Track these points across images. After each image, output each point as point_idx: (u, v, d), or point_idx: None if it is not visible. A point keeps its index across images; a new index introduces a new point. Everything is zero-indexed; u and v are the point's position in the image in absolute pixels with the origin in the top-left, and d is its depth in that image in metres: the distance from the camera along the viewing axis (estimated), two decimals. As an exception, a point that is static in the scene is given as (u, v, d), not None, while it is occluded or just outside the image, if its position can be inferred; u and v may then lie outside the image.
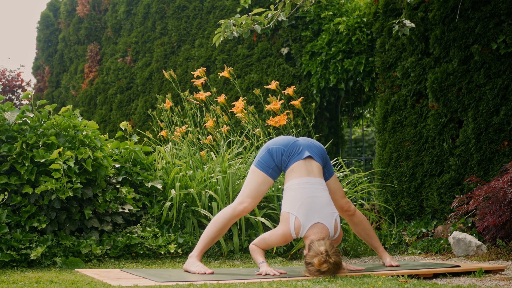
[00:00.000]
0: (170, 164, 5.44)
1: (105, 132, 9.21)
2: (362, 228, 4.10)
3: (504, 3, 5.34)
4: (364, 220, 4.10)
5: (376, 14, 6.44)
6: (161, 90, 8.50)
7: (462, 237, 4.89)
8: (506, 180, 4.69)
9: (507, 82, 5.34)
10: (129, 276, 3.66)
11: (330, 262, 3.40)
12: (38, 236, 4.35)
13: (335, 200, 3.99)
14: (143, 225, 4.88)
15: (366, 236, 4.12)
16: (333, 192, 3.95)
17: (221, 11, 7.93)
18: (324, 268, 3.41)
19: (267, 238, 3.70)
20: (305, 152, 3.82)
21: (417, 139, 5.89)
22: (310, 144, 3.89)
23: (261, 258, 3.69)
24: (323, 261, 3.40)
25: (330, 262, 3.40)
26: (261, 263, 3.66)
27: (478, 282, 3.50)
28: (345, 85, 6.83)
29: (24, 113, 4.70)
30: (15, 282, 3.45)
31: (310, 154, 3.82)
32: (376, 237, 4.14)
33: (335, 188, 3.98)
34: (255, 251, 3.72)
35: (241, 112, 5.57)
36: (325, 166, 3.94)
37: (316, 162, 3.83)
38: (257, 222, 4.95)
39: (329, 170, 3.98)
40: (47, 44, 10.93)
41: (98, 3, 9.84)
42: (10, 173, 4.54)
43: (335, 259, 3.42)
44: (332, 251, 3.43)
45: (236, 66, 7.64)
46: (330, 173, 3.99)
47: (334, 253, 3.43)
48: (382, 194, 6.12)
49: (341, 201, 4.00)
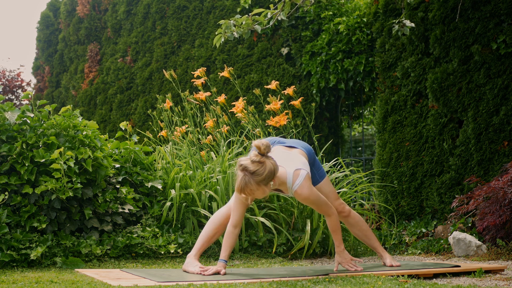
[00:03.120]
0: (170, 164, 5.44)
1: (105, 132, 9.21)
2: (359, 229, 4.09)
3: (504, 3, 5.34)
4: (361, 221, 4.09)
5: (376, 14, 6.44)
6: (161, 90, 8.50)
7: (462, 237, 4.89)
8: (506, 180, 4.69)
9: (507, 82, 5.34)
10: (129, 276, 3.66)
11: (242, 165, 3.44)
12: (38, 236, 4.34)
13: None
14: (143, 225, 4.88)
15: (364, 237, 4.11)
16: (325, 195, 3.92)
17: (221, 11, 7.93)
18: (238, 168, 3.46)
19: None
20: (288, 142, 3.92)
21: (417, 139, 5.89)
22: (296, 140, 3.98)
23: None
24: (240, 164, 3.45)
25: (242, 165, 3.44)
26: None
27: (478, 282, 3.50)
28: (345, 85, 6.83)
29: (24, 113, 4.70)
30: (15, 282, 3.45)
31: (293, 145, 3.89)
32: (374, 237, 4.13)
33: (327, 190, 3.97)
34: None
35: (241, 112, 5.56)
36: (313, 165, 3.93)
37: (299, 149, 3.87)
38: (257, 222, 4.95)
39: (319, 171, 3.97)
40: (47, 44, 10.93)
41: (98, 3, 9.84)
42: (10, 173, 4.54)
43: (246, 167, 3.43)
44: (253, 165, 3.42)
45: (236, 66, 7.64)
46: (321, 174, 3.98)
47: (254, 167, 3.42)
48: (382, 194, 6.12)
49: (335, 203, 3.98)
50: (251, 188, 3.45)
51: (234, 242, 3.77)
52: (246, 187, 3.45)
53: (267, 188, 3.50)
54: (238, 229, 3.78)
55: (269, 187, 3.51)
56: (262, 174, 3.44)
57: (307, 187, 3.63)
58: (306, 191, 3.63)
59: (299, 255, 4.99)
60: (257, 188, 3.47)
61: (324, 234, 5.11)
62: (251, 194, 3.50)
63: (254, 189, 3.46)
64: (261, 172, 3.44)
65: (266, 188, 3.50)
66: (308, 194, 3.64)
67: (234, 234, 3.76)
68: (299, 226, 5.08)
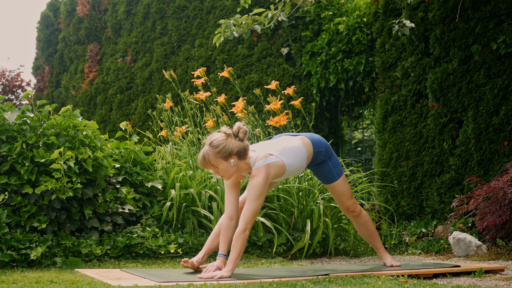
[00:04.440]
0: (170, 164, 5.44)
1: (105, 132, 9.21)
2: (365, 229, 4.10)
3: (504, 3, 5.34)
4: (369, 221, 4.08)
5: (376, 14, 6.44)
6: (161, 90, 8.50)
7: (462, 237, 4.89)
8: (506, 180, 4.69)
9: (507, 82, 5.34)
10: (129, 276, 3.66)
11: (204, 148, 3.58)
12: (38, 236, 4.34)
13: (342, 202, 3.98)
14: (143, 225, 4.88)
15: (368, 236, 4.12)
16: (340, 193, 3.93)
17: (221, 11, 7.93)
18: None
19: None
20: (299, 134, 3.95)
21: (417, 139, 5.89)
22: (309, 133, 3.98)
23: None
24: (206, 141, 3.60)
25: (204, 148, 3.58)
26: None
27: (478, 282, 3.50)
28: (345, 85, 6.83)
29: (24, 113, 4.70)
30: (15, 282, 3.45)
31: (300, 134, 3.92)
32: (378, 238, 4.14)
33: (342, 189, 3.95)
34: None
35: (241, 112, 5.56)
36: (329, 159, 3.90)
37: (302, 136, 3.88)
38: (257, 222, 4.95)
39: (337, 168, 3.93)
40: (47, 44, 10.93)
41: (98, 3, 9.84)
42: (10, 173, 4.54)
43: (208, 138, 3.59)
44: (214, 136, 3.58)
45: (236, 66, 7.64)
46: (338, 171, 3.94)
47: (213, 137, 3.58)
48: (382, 194, 6.12)
49: (348, 202, 3.97)
50: (209, 159, 3.56)
51: (232, 235, 3.71)
52: (203, 158, 3.58)
53: (227, 164, 3.57)
54: (235, 221, 3.73)
55: (229, 163, 3.57)
56: (218, 146, 3.56)
57: (265, 174, 3.57)
58: (261, 176, 3.57)
59: (299, 255, 4.99)
60: (215, 160, 3.56)
61: (324, 234, 5.11)
62: (211, 167, 3.59)
63: (212, 160, 3.56)
64: (217, 144, 3.56)
65: (225, 163, 3.57)
66: (259, 180, 3.56)
67: (230, 227, 3.72)
68: (299, 226, 5.08)
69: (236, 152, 3.58)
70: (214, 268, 3.67)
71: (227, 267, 3.56)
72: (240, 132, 3.62)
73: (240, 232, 3.56)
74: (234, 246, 3.57)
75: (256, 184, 3.57)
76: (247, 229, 3.56)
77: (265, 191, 3.60)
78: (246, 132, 3.63)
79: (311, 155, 3.82)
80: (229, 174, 3.63)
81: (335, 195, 3.99)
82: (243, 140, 3.64)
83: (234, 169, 3.61)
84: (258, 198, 3.57)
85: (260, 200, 3.58)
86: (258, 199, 3.57)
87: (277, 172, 3.65)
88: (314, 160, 3.87)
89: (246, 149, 3.62)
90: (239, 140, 3.63)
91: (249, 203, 3.57)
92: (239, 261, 3.65)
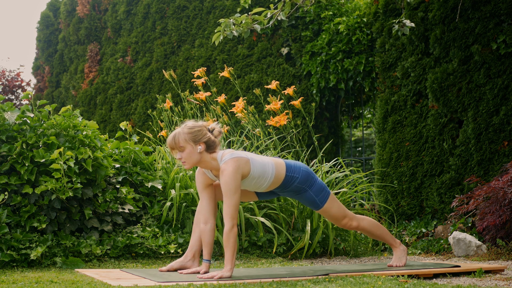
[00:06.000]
0: (170, 164, 5.44)
1: (105, 132, 9.21)
2: (371, 235, 4.09)
3: (504, 3, 5.34)
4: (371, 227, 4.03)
5: (376, 14, 6.44)
6: (161, 90, 8.50)
7: (462, 237, 4.89)
8: (506, 180, 4.69)
9: (507, 82, 5.34)
10: (129, 276, 3.66)
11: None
12: (38, 236, 4.34)
13: (335, 222, 3.97)
14: (143, 225, 4.88)
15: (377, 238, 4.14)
16: (330, 217, 3.91)
17: (221, 11, 7.93)
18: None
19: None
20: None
21: (417, 139, 5.89)
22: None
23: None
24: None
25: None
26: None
27: (478, 282, 3.50)
28: (345, 85, 6.83)
29: (24, 113, 4.70)
30: (15, 282, 3.45)
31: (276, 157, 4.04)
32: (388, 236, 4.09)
33: (331, 213, 3.89)
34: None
35: (241, 112, 5.56)
36: (310, 188, 3.82)
37: (276, 158, 3.93)
38: (257, 222, 4.95)
39: (319, 195, 3.85)
40: (47, 44, 10.93)
41: (98, 3, 9.84)
42: (10, 173, 4.54)
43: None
44: (191, 122, 3.67)
45: (236, 66, 7.64)
46: (322, 199, 3.86)
47: (189, 122, 3.68)
48: (382, 194, 6.12)
49: (341, 222, 3.94)
50: (179, 139, 3.62)
51: (210, 239, 3.71)
52: (173, 137, 3.63)
53: (193, 149, 3.61)
54: (211, 223, 3.73)
55: (196, 149, 3.61)
56: (192, 128, 3.64)
57: (234, 166, 3.58)
58: (231, 168, 3.57)
59: (299, 255, 4.99)
60: (184, 141, 3.61)
61: (324, 234, 5.11)
62: (178, 149, 3.63)
63: (181, 140, 3.62)
64: (192, 125, 3.65)
65: (193, 148, 3.61)
66: (230, 173, 3.56)
67: (207, 231, 3.73)
68: (299, 226, 5.08)
69: (206, 140, 3.65)
70: (191, 272, 3.73)
71: (226, 267, 3.55)
72: (215, 130, 3.72)
73: (228, 231, 3.54)
74: (226, 246, 3.55)
75: (228, 177, 3.56)
76: (234, 225, 3.53)
77: (239, 185, 3.58)
78: (220, 132, 3.73)
79: (281, 176, 3.75)
80: (192, 161, 3.64)
81: (327, 218, 3.99)
82: (216, 138, 3.72)
83: (198, 157, 3.63)
84: (235, 192, 3.56)
85: (238, 194, 3.57)
86: (235, 193, 3.56)
87: (244, 167, 3.64)
88: (286, 184, 3.78)
89: (216, 145, 3.69)
90: (213, 136, 3.71)
91: (227, 199, 3.55)
92: (235, 258, 3.64)
